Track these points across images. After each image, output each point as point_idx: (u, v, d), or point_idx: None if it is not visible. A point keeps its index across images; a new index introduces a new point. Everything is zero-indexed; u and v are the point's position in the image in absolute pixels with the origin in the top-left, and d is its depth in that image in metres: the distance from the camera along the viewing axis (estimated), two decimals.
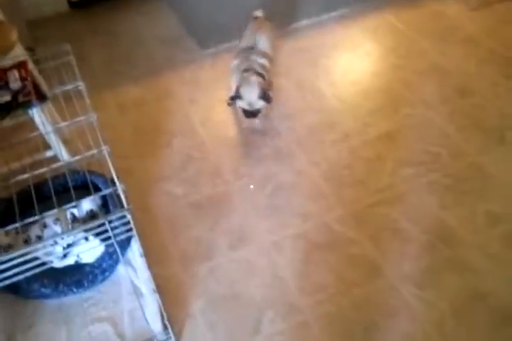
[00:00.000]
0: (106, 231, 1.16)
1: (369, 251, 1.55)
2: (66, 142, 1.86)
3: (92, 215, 1.65)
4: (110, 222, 1.16)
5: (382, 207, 1.68)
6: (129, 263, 1.54)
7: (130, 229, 1.24)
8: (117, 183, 1.19)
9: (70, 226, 1.57)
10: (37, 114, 1.60)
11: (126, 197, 1.26)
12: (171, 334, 1.35)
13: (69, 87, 1.40)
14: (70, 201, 1.29)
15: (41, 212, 1.25)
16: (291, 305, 1.43)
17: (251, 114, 1.83)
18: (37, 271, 1.08)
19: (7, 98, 1.41)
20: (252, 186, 1.75)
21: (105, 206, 1.69)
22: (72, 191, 1.65)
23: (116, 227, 1.22)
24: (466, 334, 1.36)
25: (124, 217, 1.18)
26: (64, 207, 1.43)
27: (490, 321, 1.38)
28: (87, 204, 1.65)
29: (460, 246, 1.55)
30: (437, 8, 2.54)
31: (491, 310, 1.40)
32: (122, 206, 1.19)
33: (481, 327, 1.37)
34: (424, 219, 1.63)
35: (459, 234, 1.58)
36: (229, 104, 1.86)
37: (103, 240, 1.41)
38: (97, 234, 1.29)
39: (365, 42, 2.40)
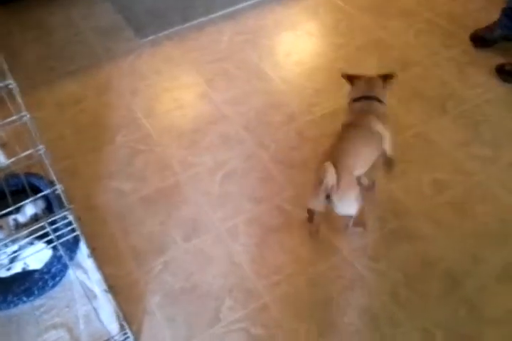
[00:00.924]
0: (49, 234, 1.12)
1: (321, 229, 1.56)
2: (2, 146, 1.77)
3: (36, 219, 1.58)
4: (53, 223, 1.11)
5: None
6: (79, 266, 1.49)
7: (74, 230, 1.19)
8: (56, 183, 1.14)
9: (12, 233, 1.50)
10: None
11: (66, 197, 1.21)
12: (129, 334, 1.32)
13: None
14: (10, 207, 1.23)
15: None
16: (249, 291, 1.43)
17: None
18: None
19: None
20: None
21: (50, 209, 1.62)
22: (9, 196, 1.58)
23: (59, 229, 1.17)
24: (420, 300, 1.40)
25: (66, 217, 1.13)
26: (1, 212, 1.36)
27: (442, 286, 1.42)
28: (30, 209, 1.58)
29: (408, 216, 1.58)
30: None
31: (441, 275, 1.44)
32: (63, 206, 1.15)
33: (433, 293, 1.41)
34: (368, 194, 1.65)
35: (407, 204, 1.61)
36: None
37: (48, 243, 1.37)
38: (42, 238, 1.25)
39: (306, 22, 2.38)
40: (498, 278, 1.43)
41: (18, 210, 1.56)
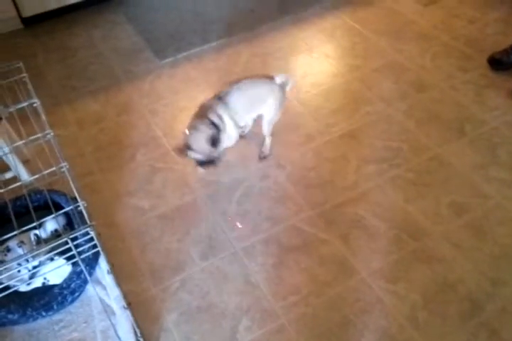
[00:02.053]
0: (70, 249, 1.17)
1: (339, 250, 1.60)
2: (25, 162, 1.86)
3: (57, 235, 1.65)
4: (74, 239, 1.17)
5: (349, 206, 1.73)
6: (98, 282, 1.54)
7: (95, 246, 1.25)
8: (78, 200, 1.20)
9: (34, 248, 1.56)
10: None
11: (88, 213, 1.28)
12: None
13: (24, 104, 1.40)
14: (32, 222, 1.29)
15: (4, 235, 1.25)
16: (266, 311, 1.46)
17: (206, 163, 1.75)
18: (1, 296, 1.08)
19: None
20: (240, 225, 1.69)
21: (70, 225, 1.69)
22: (33, 212, 1.65)
23: (80, 245, 1.23)
24: (438, 324, 1.41)
25: (87, 233, 1.19)
26: (24, 228, 1.42)
27: (460, 310, 1.44)
28: (51, 225, 1.65)
29: (426, 238, 1.61)
30: (390, 5, 2.65)
31: (460, 299, 1.46)
32: (85, 223, 1.20)
33: (452, 316, 1.43)
34: (390, 215, 1.69)
35: (425, 226, 1.64)
36: (180, 155, 1.74)
37: (68, 259, 1.42)
38: (62, 254, 1.31)
39: (322, 44, 2.48)
40: None
41: (39, 226, 1.63)
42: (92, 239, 1.22)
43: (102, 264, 1.57)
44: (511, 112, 2.02)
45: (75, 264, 1.53)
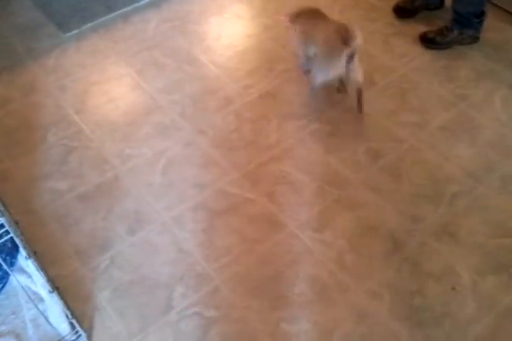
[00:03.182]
0: None
1: (267, 207, 1.59)
2: None
3: None
4: None
5: (273, 164, 1.72)
6: (22, 270, 1.45)
7: (7, 232, 1.16)
8: None
9: None
10: None
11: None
12: (81, 332, 1.30)
13: None
14: None
15: None
16: (200, 275, 1.44)
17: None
18: None
19: None
20: None
21: None
22: None
23: None
24: (365, 264, 1.46)
25: None
26: None
27: (384, 248, 1.50)
28: None
29: (348, 186, 1.64)
30: None
31: (384, 239, 1.52)
32: None
33: (377, 255, 1.48)
34: (313, 168, 1.70)
35: (345, 174, 1.67)
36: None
37: None
38: None
39: (233, 4, 2.38)
40: (436, 234, 1.52)
41: None
42: (3, 226, 1.13)
43: (23, 252, 1.47)
44: (418, 58, 2.07)
45: None
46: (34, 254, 1.38)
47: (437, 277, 1.43)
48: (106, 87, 2.01)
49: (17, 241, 1.24)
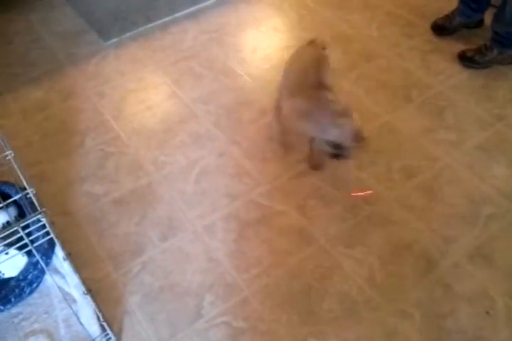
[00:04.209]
0: (23, 239, 1.12)
1: (297, 220, 1.61)
2: None
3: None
4: (25, 228, 1.12)
5: (304, 177, 1.74)
6: (56, 271, 1.49)
7: (48, 233, 1.20)
8: (27, 187, 1.14)
9: None
10: None
11: (38, 200, 1.22)
12: (111, 335, 1.33)
13: None
14: None
15: None
16: (229, 285, 1.46)
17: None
18: None
19: None
20: None
21: (22, 216, 1.62)
22: None
23: (32, 233, 1.18)
24: (396, 283, 1.46)
25: (39, 221, 1.14)
26: None
27: (416, 268, 1.49)
28: (2, 217, 1.58)
29: (380, 203, 1.64)
30: None
31: (415, 258, 1.51)
32: (36, 211, 1.15)
33: (409, 275, 1.48)
34: (345, 183, 1.71)
35: (378, 191, 1.67)
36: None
37: (21, 248, 1.37)
38: (17, 247, 1.25)
39: (270, 18, 2.43)
40: (470, 256, 1.51)
41: None
42: (44, 227, 1.17)
43: (59, 253, 1.51)
44: (456, 76, 2.07)
45: (30, 255, 1.47)
46: (69, 256, 1.42)
47: (470, 300, 1.41)
48: (143, 95, 2.07)
49: (56, 242, 1.28)
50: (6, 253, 1.47)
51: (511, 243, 1.53)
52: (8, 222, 1.59)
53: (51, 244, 1.51)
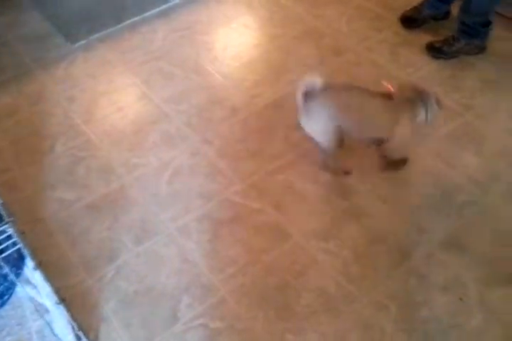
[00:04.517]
0: None
1: (273, 217, 1.60)
2: None
3: None
4: None
5: (279, 174, 1.73)
6: (28, 282, 1.46)
7: (15, 243, 1.18)
8: None
9: None
10: None
11: (7, 210, 1.20)
12: None
13: None
14: None
15: None
16: (205, 286, 1.45)
17: None
18: None
19: None
20: None
21: None
22: None
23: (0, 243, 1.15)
24: (371, 275, 1.47)
25: (5, 231, 1.12)
26: None
27: (390, 260, 1.50)
28: None
29: (354, 196, 1.65)
30: None
31: (389, 250, 1.52)
32: (3, 221, 1.13)
33: (384, 266, 1.48)
34: (319, 177, 1.71)
35: (351, 184, 1.68)
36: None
37: None
38: None
39: (241, 15, 2.41)
40: (443, 245, 1.52)
41: None
42: (10, 236, 1.15)
43: (29, 263, 1.48)
44: (424, 68, 2.08)
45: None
46: (40, 265, 1.39)
47: (444, 288, 1.43)
48: (113, 97, 2.04)
49: (24, 252, 1.25)
50: None
51: (483, 230, 1.55)
52: None
53: (21, 254, 1.48)
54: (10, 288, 1.43)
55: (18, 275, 1.46)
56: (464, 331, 1.34)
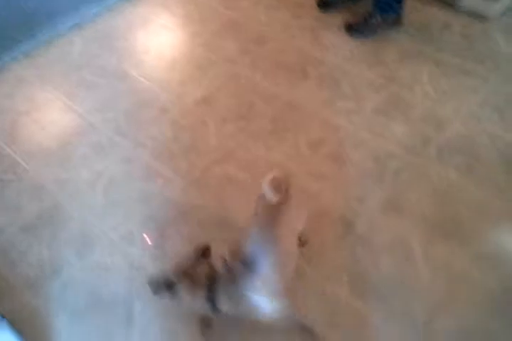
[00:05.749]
0: None
1: (216, 210, 1.67)
2: None
3: None
4: None
5: (217, 167, 1.81)
6: None
7: None
8: None
9: None
10: None
11: None
12: None
13: None
14: None
15: None
16: None
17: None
18: None
19: None
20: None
21: None
22: None
23: None
24: (319, 248, 1.55)
25: None
26: None
27: (336, 232, 1.60)
28: None
29: (294, 178, 1.73)
30: None
31: (333, 223, 1.62)
32: None
33: (330, 239, 1.58)
34: (256, 166, 1.79)
35: (289, 166, 1.77)
36: None
37: None
38: None
39: (157, 17, 2.49)
40: (383, 210, 1.64)
41: None
42: None
43: None
44: (345, 47, 2.22)
45: None
46: None
47: (389, 250, 1.54)
48: (36, 115, 2.06)
49: None
50: None
51: (418, 192, 1.68)
52: None
53: None
54: None
55: None
56: (414, 288, 1.45)
